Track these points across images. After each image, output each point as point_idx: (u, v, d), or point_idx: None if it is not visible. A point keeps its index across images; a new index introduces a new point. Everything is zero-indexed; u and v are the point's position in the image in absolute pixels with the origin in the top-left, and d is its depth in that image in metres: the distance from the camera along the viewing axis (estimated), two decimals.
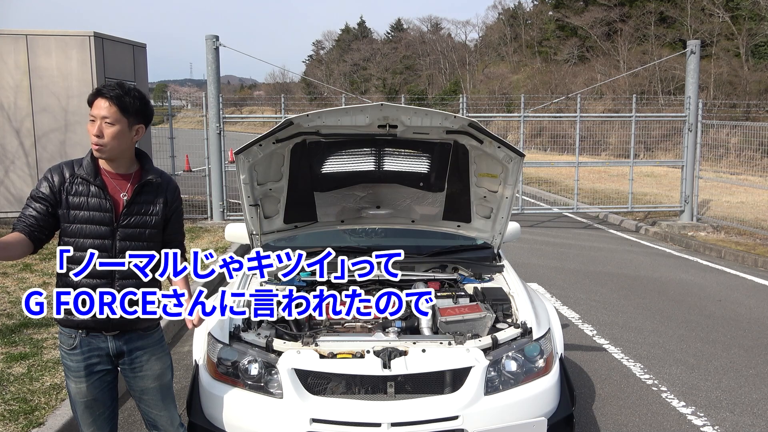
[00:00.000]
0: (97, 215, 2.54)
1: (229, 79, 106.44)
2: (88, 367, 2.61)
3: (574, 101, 12.55)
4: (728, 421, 4.17)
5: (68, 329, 2.62)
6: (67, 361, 2.64)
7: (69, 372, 2.64)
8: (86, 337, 2.61)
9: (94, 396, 2.64)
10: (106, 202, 2.55)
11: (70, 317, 2.58)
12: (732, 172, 14.30)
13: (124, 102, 2.54)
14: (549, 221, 12.79)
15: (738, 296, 7.31)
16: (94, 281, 2.57)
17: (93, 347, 2.62)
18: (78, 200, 2.54)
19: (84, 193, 2.54)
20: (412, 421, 2.80)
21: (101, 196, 2.55)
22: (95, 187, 2.55)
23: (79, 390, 2.62)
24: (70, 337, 2.62)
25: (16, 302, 6.04)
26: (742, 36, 26.69)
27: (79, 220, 2.54)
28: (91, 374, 2.62)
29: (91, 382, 2.62)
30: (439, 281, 3.85)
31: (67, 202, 2.53)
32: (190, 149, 15.33)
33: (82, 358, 2.61)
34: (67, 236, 2.56)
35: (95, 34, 9.98)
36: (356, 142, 3.62)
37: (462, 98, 11.95)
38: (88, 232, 2.54)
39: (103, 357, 2.65)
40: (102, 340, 2.63)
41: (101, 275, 2.57)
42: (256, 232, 3.79)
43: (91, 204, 2.54)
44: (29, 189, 10.10)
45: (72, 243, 2.56)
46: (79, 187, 2.54)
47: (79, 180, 2.55)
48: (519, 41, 43.19)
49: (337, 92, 34.77)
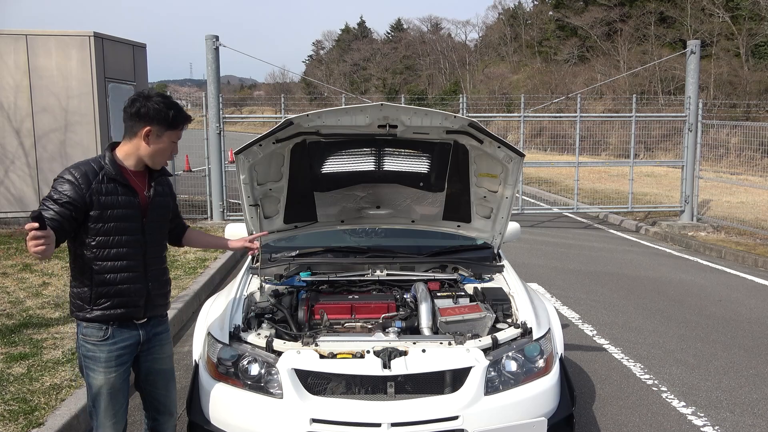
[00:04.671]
0: (129, 212, 2.65)
1: (229, 79, 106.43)
2: (119, 357, 2.70)
3: (574, 101, 12.54)
4: (728, 421, 4.17)
5: (98, 323, 2.67)
6: (94, 353, 2.67)
7: (96, 364, 2.67)
8: (118, 328, 2.70)
9: (119, 387, 2.73)
10: (135, 199, 2.67)
11: (106, 312, 2.65)
12: (732, 172, 14.30)
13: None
14: (549, 221, 12.79)
15: (738, 296, 7.31)
16: (129, 275, 2.67)
17: (124, 336, 2.72)
18: (110, 199, 2.60)
19: (113, 191, 2.61)
20: (412, 421, 2.80)
21: (129, 193, 2.66)
22: (123, 186, 2.64)
23: (107, 380, 2.68)
24: (100, 330, 2.67)
25: (16, 302, 6.04)
26: (742, 36, 26.69)
27: (115, 218, 2.61)
28: (120, 364, 2.71)
29: (119, 372, 2.71)
30: (439, 281, 3.85)
31: (99, 203, 2.57)
32: (190, 149, 15.30)
33: (115, 348, 2.69)
34: (102, 235, 2.61)
35: (95, 34, 9.98)
36: (356, 142, 3.61)
37: (462, 98, 11.95)
38: (122, 229, 2.64)
39: (131, 347, 2.75)
40: (133, 328, 2.74)
41: (136, 268, 2.69)
42: (257, 232, 3.78)
43: (122, 202, 2.63)
44: (29, 189, 10.21)
45: (108, 241, 2.62)
46: (108, 186, 2.60)
47: (106, 180, 2.61)
48: (519, 41, 43.21)
49: (337, 92, 34.79)
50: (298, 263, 3.96)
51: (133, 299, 2.69)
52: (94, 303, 2.64)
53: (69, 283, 2.77)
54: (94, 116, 9.99)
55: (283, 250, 4.09)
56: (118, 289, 2.64)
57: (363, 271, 3.93)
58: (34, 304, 5.97)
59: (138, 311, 2.73)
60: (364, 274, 3.90)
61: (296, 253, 4.05)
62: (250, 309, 3.46)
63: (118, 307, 2.66)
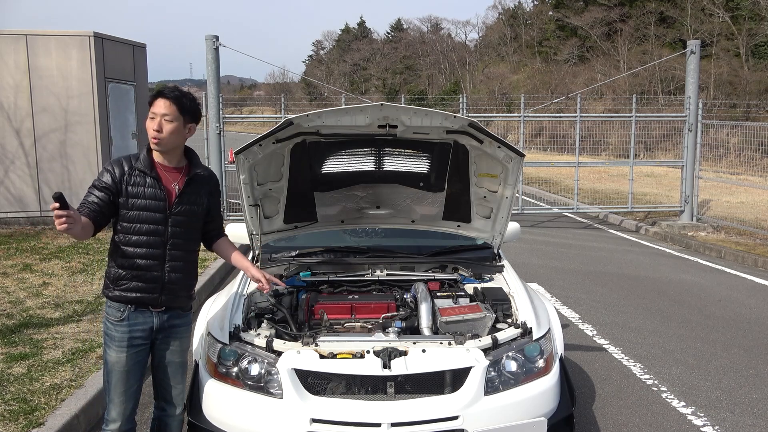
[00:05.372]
0: (153, 203, 2.84)
1: (229, 79, 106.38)
2: (131, 339, 2.88)
3: (574, 101, 12.55)
4: (728, 421, 4.17)
5: (117, 303, 2.88)
6: (111, 332, 2.89)
7: (111, 342, 2.89)
8: (134, 311, 2.88)
9: (129, 367, 2.89)
10: (161, 192, 2.86)
11: (125, 294, 2.85)
12: (732, 172, 14.29)
13: (182, 102, 2.84)
14: (549, 221, 12.79)
15: (738, 296, 7.31)
16: (147, 262, 2.84)
17: (139, 321, 2.89)
18: (136, 190, 2.83)
19: (141, 183, 2.83)
20: (412, 421, 2.80)
21: (156, 186, 2.85)
22: (151, 179, 2.85)
23: (118, 359, 2.87)
24: (118, 311, 2.87)
25: (16, 302, 6.04)
26: (742, 36, 26.69)
27: (137, 207, 2.83)
28: (131, 346, 2.88)
29: (130, 353, 2.88)
30: (439, 281, 3.85)
31: (126, 191, 2.82)
32: None
33: (128, 330, 2.87)
34: (126, 221, 2.84)
35: (95, 34, 9.99)
36: (356, 142, 3.61)
37: (462, 98, 11.95)
38: (144, 218, 2.84)
39: (146, 331, 2.91)
40: (148, 315, 2.91)
41: (154, 256, 2.85)
42: (256, 232, 3.78)
43: (147, 193, 2.84)
44: (29, 189, 10.21)
45: (130, 228, 2.84)
46: (137, 178, 2.83)
47: (137, 172, 2.84)
48: (519, 41, 43.18)
49: (337, 92, 34.78)
50: (298, 263, 3.96)
51: (148, 286, 2.86)
52: (115, 283, 2.86)
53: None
54: (94, 116, 9.99)
55: (283, 250, 4.09)
56: (135, 273, 2.84)
57: (363, 271, 3.93)
58: (34, 304, 5.97)
59: (154, 299, 2.88)
60: (364, 274, 3.90)
61: (296, 253, 4.05)
62: (250, 309, 3.46)
63: (135, 291, 2.85)
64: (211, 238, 3.18)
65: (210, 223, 3.12)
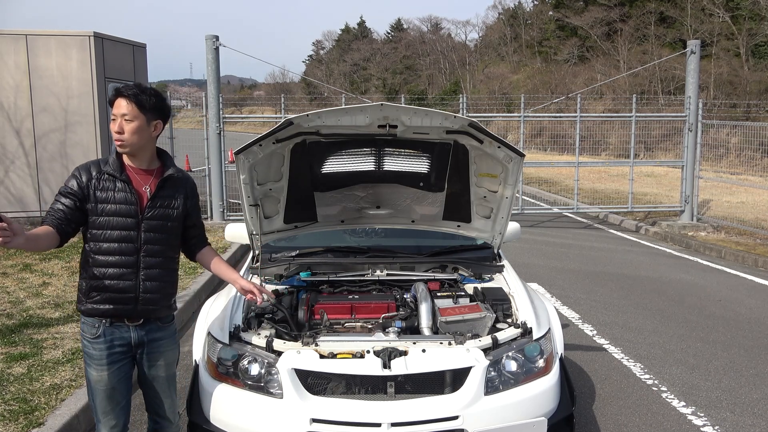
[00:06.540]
0: (123, 208, 2.70)
1: (229, 79, 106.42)
2: (111, 356, 2.74)
3: (574, 101, 12.54)
4: (728, 421, 4.17)
5: (92, 319, 2.74)
6: (89, 350, 2.74)
7: (91, 360, 2.75)
8: (110, 326, 2.73)
9: (113, 385, 2.76)
10: (131, 196, 2.72)
11: (96, 306, 2.71)
12: (732, 172, 14.29)
13: (141, 99, 2.68)
14: (549, 221, 12.79)
15: (738, 296, 7.31)
16: (119, 271, 2.70)
17: (116, 336, 2.74)
18: (105, 194, 2.69)
19: (110, 187, 2.70)
20: (412, 421, 2.80)
21: (126, 190, 2.71)
22: (121, 182, 2.71)
23: (100, 378, 2.74)
24: (93, 327, 2.73)
25: (16, 302, 6.04)
26: (742, 36, 26.68)
27: (107, 212, 2.69)
28: (112, 363, 2.74)
29: (111, 370, 2.74)
30: (439, 281, 3.85)
31: (95, 197, 2.69)
32: (190, 149, 15.34)
33: (105, 347, 2.73)
34: (95, 228, 2.70)
35: (95, 34, 9.98)
36: (356, 142, 3.61)
37: (462, 98, 11.94)
38: (114, 224, 2.70)
39: (125, 346, 2.77)
40: (125, 330, 2.76)
41: (127, 264, 2.70)
42: (256, 232, 3.78)
43: (117, 198, 2.70)
44: (29, 189, 10.21)
45: (100, 235, 2.70)
46: (106, 182, 2.71)
47: (105, 176, 2.71)
48: (519, 41, 43.17)
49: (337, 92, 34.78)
50: (298, 263, 3.96)
51: (121, 297, 2.70)
52: (87, 296, 2.72)
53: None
54: (94, 116, 9.99)
55: (283, 250, 4.09)
56: (106, 284, 2.69)
57: (363, 271, 3.93)
58: (35, 304, 5.97)
59: (128, 311, 2.72)
60: (364, 274, 3.90)
61: (296, 253, 4.05)
62: (250, 309, 3.46)
63: (107, 303, 2.70)
64: (192, 246, 3.01)
65: (190, 229, 2.94)
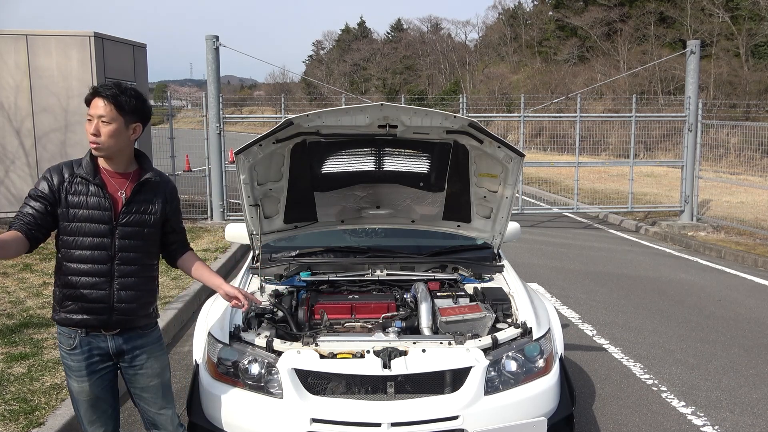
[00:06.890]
0: (97, 213, 2.55)
1: (229, 79, 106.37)
2: (90, 366, 2.62)
3: (574, 101, 12.54)
4: (728, 421, 4.17)
5: (67, 329, 2.62)
6: (67, 361, 2.64)
7: (70, 371, 2.64)
8: (86, 336, 2.61)
9: (97, 394, 2.66)
10: (105, 201, 2.57)
11: (70, 316, 2.59)
12: (732, 172, 14.29)
13: (120, 101, 2.53)
14: (549, 221, 12.79)
15: (738, 296, 7.31)
16: (92, 279, 2.57)
17: (93, 346, 2.63)
18: (77, 199, 2.55)
19: (83, 192, 2.56)
20: (412, 421, 2.80)
21: (100, 194, 2.56)
22: (94, 186, 2.56)
23: (81, 389, 2.64)
24: (69, 338, 2.62)
25: (16, 302, 6.04)
26: (742, 36, 26.68)
27: (79, 218, 2.55)
28: (92, 373, 2.63)
29: (93, 381, 2.64)
30: (439, 281, 3.85)
31: (66, 201, 2.54)
32: (190, 149, 15.33)
33: (83, 358, 2.61)
34: (67, 235, 2.56)
35: (95, 34, 9.98)
36: (356, 142, 3.61)
37: (462, 98, 11.94)
38: (87, 231, 2.55)
39: (104, 356, 2.65)
40: (102, 339, 2.63)
41: (100, 273, 2.57)
42: (256, 232, 3.79)
43: (90, 203, 2.55)
44: (29, 189, 10.12)
45: (71, 242, 2.56)
46: (78, 186, 2.56)
47: (78, 179, 2.56)
48: (519, 41, 43.16)
49: (337, 92, 34.76)
50: (298, 263, 3.97)
51: (95, 306, 2.57)
52: (61, 305, 2.60)
53: None
54: None
55: (283, 250, 4.09)
56: (79, 293, 2.55)
57: (363, 271, 3.93)
58: (35, 304, 5.97)
59: (103, 321, 2.59)
60: (364, 274, 3.90)
61: (296, 253, 4.05)
62: (250, 309, 3.46)
63: (81, 312, 2.57)
64: (173, 252, 2.85)
65: (170, 234, 2.79)
